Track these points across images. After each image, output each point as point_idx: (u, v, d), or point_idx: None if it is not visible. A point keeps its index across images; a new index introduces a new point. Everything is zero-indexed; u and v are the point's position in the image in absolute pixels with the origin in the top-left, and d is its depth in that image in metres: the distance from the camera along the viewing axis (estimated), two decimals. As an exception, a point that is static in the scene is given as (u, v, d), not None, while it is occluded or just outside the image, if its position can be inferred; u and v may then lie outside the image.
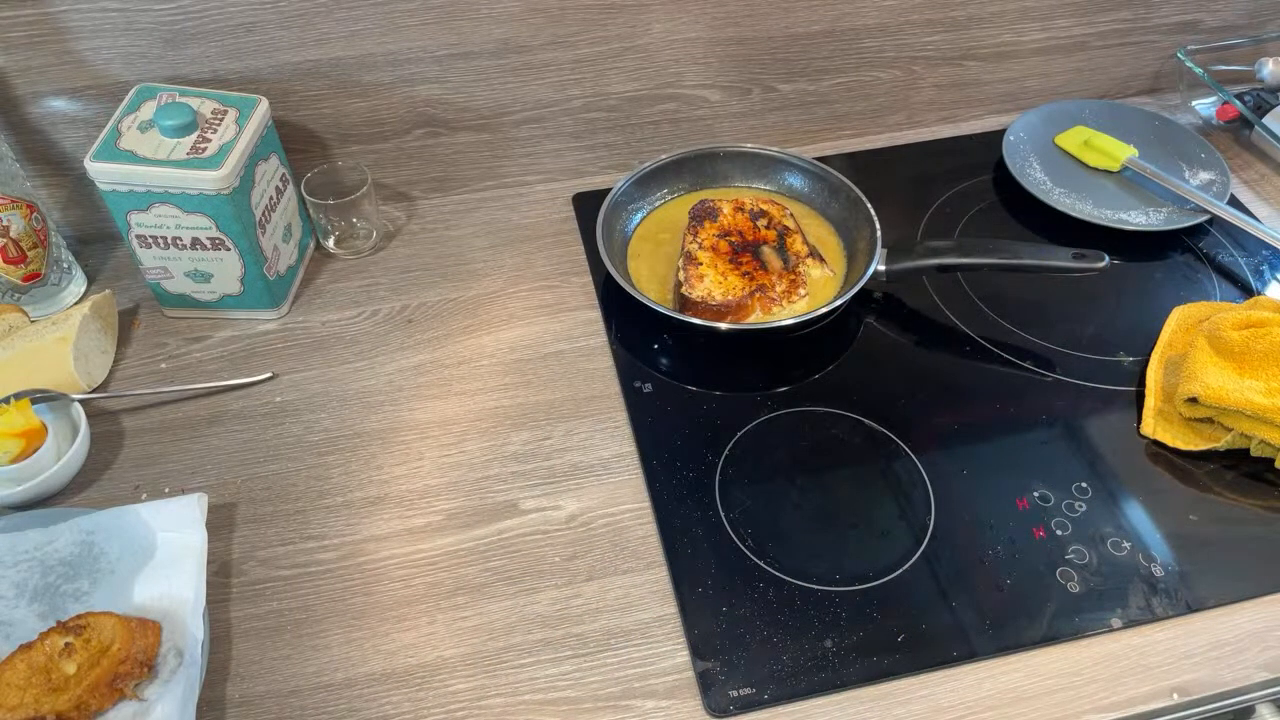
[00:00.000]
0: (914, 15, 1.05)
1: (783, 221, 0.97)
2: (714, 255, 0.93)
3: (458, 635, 0.72)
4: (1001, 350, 0.90)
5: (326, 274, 0.99)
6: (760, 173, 1.04)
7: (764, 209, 0.97)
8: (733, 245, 0.94)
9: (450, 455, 0.83)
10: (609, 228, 0.96)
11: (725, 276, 0.91)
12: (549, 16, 0.96)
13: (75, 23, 0.87)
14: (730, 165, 1.04)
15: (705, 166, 1.04)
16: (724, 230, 0.95)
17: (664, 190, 1.03)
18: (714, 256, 0.93)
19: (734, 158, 1.04)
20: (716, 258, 0.93)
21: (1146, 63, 1.17)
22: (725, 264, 0.92)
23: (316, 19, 0.91)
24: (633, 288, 0.90)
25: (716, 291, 0.90)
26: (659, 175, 1.02)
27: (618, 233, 0.98)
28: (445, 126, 1.02)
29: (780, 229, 0.96)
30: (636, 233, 1.00)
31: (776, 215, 0.97)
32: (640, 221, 1.01)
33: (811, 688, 0.68)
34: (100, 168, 0.82)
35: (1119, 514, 0.77)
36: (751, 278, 0.91)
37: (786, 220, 0.97)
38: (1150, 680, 0.68)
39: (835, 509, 0.78)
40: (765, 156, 1.03)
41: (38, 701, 0.63)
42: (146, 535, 0.74)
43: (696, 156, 1.03)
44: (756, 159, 1.04)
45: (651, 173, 1.02)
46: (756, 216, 0.97)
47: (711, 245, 0.94)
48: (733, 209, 0.97)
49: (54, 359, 0.84)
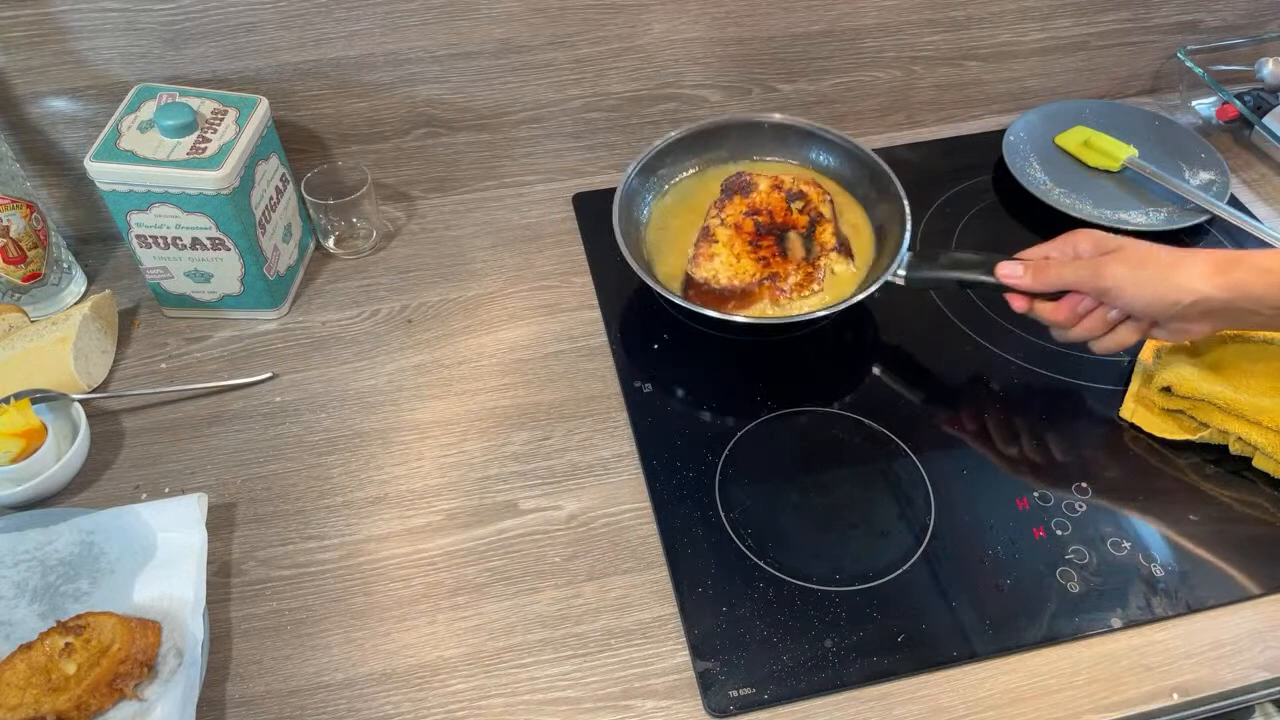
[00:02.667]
0: (914, 15, 1.05)
1: (819, 207, 0.91)
2: (734, 234, 0.88)
3: (458, 635, 0.72)
4: (1002, 350, 0.90)
5: (326, 274, 0.99)
6: (798, 149, 0.99)
7: (803, 190, 0.92)
8: (758, 226, 0.89)
9: (450, 455, 0.83)
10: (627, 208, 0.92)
11: (739, 259, 0.87)
12: (549, 16, 0.96)
13: (75, 23, 0.87)
14: (771, 140, 0.99)
15: (747, 136, 0.99)
16: (753, 208, 0.90)
17: (692, 161, 0.98)
18: (734, 236, 0.88)
19: (777, 130, 0.99)
20: (736, 237, 0.88)
21: (1146, 63, 1.17)
22: (743, 245, 0.88)
23: (316, 19, 0.91)
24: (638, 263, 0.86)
25: (724, 274, 0.86)
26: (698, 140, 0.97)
27: (635, 212, 0.94)
28: (445, 126, 1.02)
29: (814, 215, 0.90)
30: (656, 210, 0.96)
31: (815, 199, 0.92)
32: (663, 194, 0.97)
33: (811, 688, 0.68)
34: (100, 168, 0.82)
35: (1119, 514, 0.77)
36: (767, 264, 0.87)
37: (823, 206, 0.91)
38: (1150, 680, 0.69)
39: (835, 509, 0.78)
40: (804, 131, 0.98)
41: (38, 701, 0.63)
42: (146, 535, 0.74)
43: (737, 125, 0.99)
44: (795, 132, 0.99)
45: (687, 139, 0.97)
46: (793, 198, 0.91)
47: (735, 223, 0.89)
48: (769, 186, 0.92)
49: (54, 359, 0.84)
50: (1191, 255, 0.72)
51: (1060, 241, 0.79)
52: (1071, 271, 0.76)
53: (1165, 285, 0.72)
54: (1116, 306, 0.75)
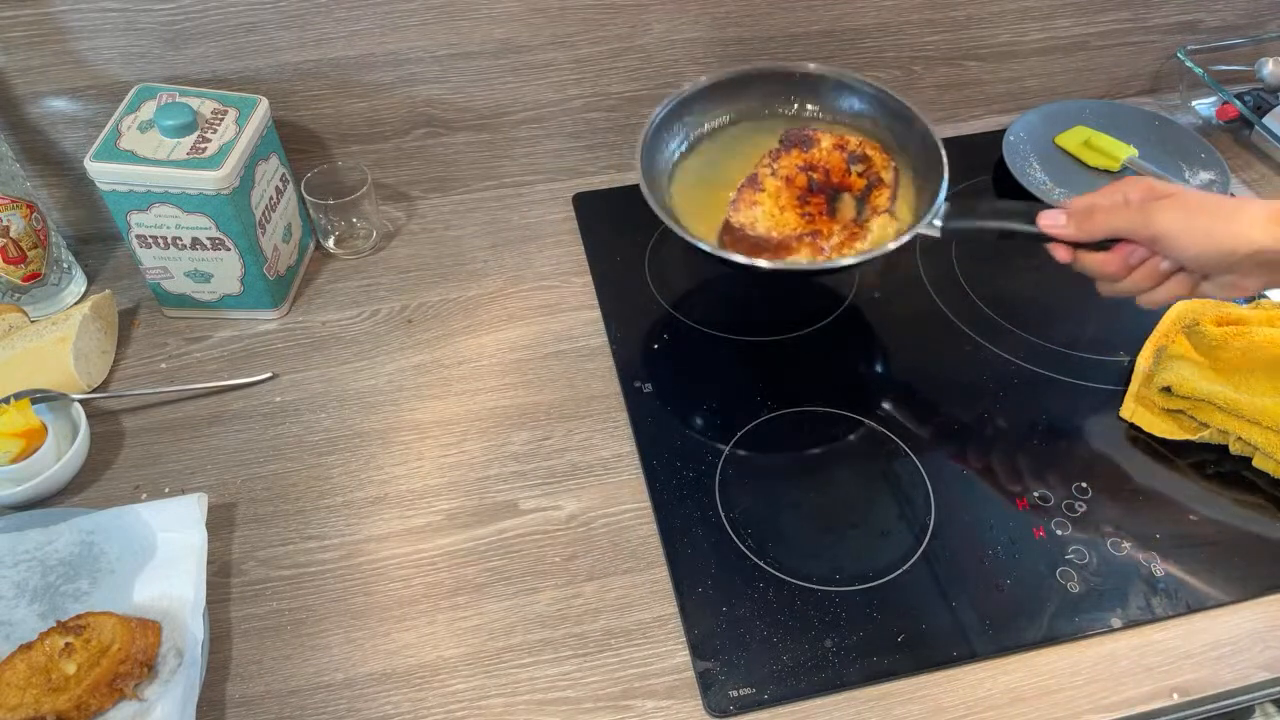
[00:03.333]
0: (914, 15, 1.05)
1: (881, 173, 0.86)
2: (783, 186, 0.84)
3: (458, 635, 0.72)
4: (1001, 350, 0.90)
5: (326, 274, 0.99)
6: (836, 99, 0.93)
7: (868, 154, 0.88)
8: (811, 183, 0.85)
9: (450, 455, 0.83)
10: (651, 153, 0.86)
11: (783, 211, 0.83)
12: (549, 16, 0.96)
13: (75, 23, 0.87)
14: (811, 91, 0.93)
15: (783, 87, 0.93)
16: (809, 164, 0.86)
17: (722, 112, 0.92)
18: (782, 188, 0.84)
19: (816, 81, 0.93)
20: (785, 189, 0.84)
21: (1146, 63, 1.17)
22: (790, 199, 0.84)
23: (316, 19, 0.91)
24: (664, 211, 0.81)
25: (763, 223, 0.82)
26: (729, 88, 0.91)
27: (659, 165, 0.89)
28: (445, 126, 1.02)
29: (873, 179, 0.86)
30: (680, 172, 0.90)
31: (879, 164, 0.87)
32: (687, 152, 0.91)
33: (811, 688, 0.68)
34: (100, 168, 0.82)
35: (1119, 514, 0.77)
36: (811, 220, 0.82)
37: (885, 172, 0.87)
38: (1150, 680, 0.69)
39: (835, 509, 0.78)
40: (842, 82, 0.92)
41: (38, 701, 0.64)
42: (146, 535, 0.74)
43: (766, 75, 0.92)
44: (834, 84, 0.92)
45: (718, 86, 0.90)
46: (855, 160, 0.87)
47: (786, 175, 0.85)
48: (832, 145, 0.88)
49: (54, 359, 0.84)
50: (1250, 204, 0.68)
51: (1109, 190, 0.74)
52: (1122, 219, 0.71)
53: (1221, 233, 0.67)
54: (1169, 257, 0.71)
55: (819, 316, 0.93)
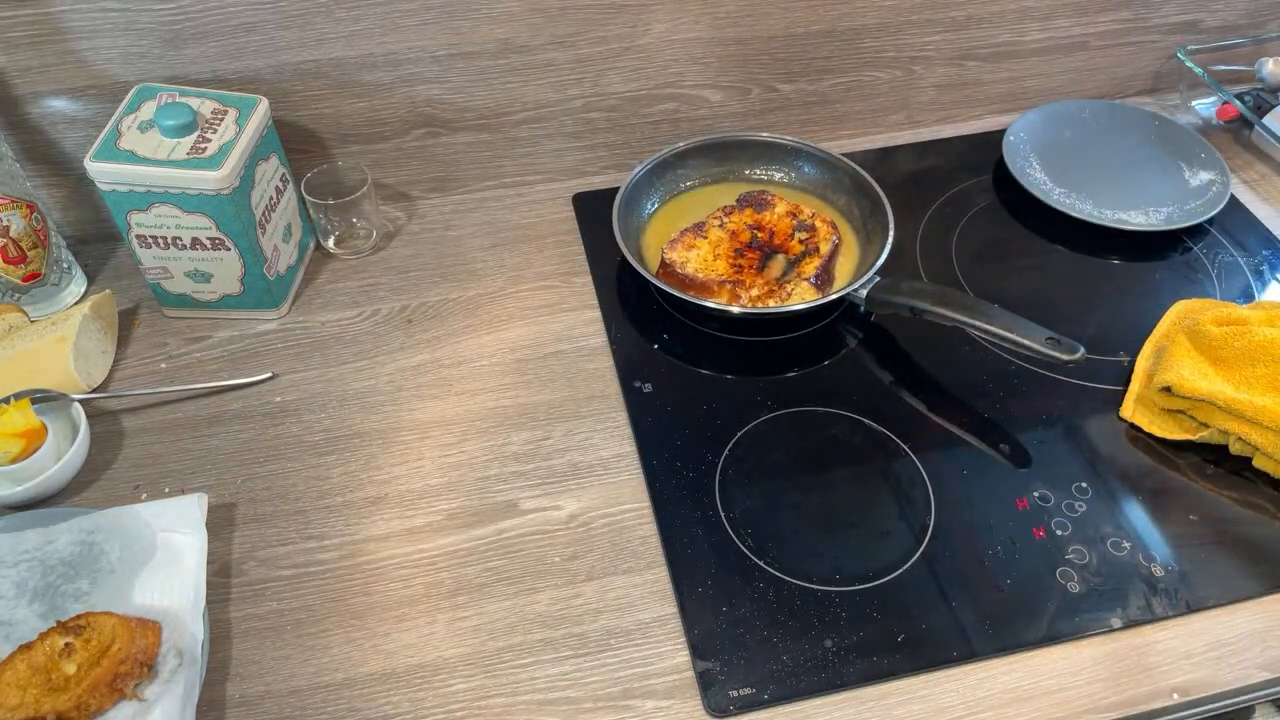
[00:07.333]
0: (914, 15, 1.05)
1: (819, 243, 0.93)
2: (725, 238, 0.92)
3: (458, 635, 0.72)
4: (1001, 350, 0.90)
5: (326, 274, 0.99)
6: (785, 164, 1.04)
7: (815, 225, 0.95)
8: (754, 239, 0.92)
9: (450, 455, 0.83)
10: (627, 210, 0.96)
11: (715, 259, 0.91)
12: (549, 16, 0.96)
13: (75, 23, 0.87)
14: (756, 156, 1.04)
15: (734, 155, 1.04)
16: (757, 223, 0.94)
17: (690, 177, 1.03)
18: (724, 238, 0.92)
19: (763, 149, 1.04)
20: (726, 240, 0.92)
21: (1146, 63, 1.17)
22: (727, 250, 0.92)
23: (316, 19, 0.91)
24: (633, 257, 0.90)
25: (692, 264, 0.90)
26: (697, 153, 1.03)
27: (635, 217, 0.98)
28: (445, 126, 1.02)
29: (810, 248, 0.93)
30: (653, 218, 1.01)
31: (822, 235, 0.94)
32: (658, 209, 1.01)
33: (811, 688, 0.68)
34: (100, 168, 0.82)
35: (1119, 514, 0.77)
36: (739, 271, 0.91)
37: (824, 244, 0.93)
38: (1150, 680, 0.69)
39: (835, 509, 0.78)
40: (789, 148, 1.03)
41: (38, 701, 0.64)
42: (147, 535, 0.74)
43: (723, 145, 1.03)
44: (781, 150, 1.03)
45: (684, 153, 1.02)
46: (801, 228, 0.95)
47: (732, 229, 0.93)
48: (785, 211, 0.96)
49: (54, 359, 0.84)
50: None
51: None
52: None
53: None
54: None
55: (819, 317, 0.93)
